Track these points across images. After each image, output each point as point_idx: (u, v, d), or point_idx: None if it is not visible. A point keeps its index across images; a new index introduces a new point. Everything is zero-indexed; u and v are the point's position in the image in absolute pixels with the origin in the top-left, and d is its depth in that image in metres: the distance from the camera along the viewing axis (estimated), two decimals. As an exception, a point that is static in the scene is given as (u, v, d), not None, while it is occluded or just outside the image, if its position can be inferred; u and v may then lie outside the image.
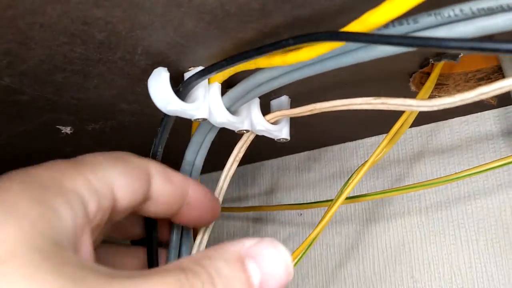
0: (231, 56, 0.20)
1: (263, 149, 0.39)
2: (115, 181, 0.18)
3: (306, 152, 0.41)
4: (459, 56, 0.23)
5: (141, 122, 0.30)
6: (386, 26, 0.17)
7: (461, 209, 0.33)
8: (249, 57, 0.20)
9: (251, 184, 0.44)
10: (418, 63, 0.25)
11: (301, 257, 0.28)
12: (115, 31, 0.19)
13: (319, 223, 0.27)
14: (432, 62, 0.24)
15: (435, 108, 0.19)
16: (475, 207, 0.32)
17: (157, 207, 0.20)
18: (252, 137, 0.27)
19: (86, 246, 0.16)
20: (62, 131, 0.31)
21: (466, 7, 0.15)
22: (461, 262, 0.32)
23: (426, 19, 0.16)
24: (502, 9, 0.15)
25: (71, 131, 0.31)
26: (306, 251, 0.28)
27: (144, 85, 0.25)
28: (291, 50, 0.19)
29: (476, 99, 0.18)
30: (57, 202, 0.15)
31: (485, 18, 0.15)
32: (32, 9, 0.17)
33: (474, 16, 0.15)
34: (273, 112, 0.25)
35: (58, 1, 0.17)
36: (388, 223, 0.36)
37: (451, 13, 0.15)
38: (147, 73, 0.23)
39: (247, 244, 0.16)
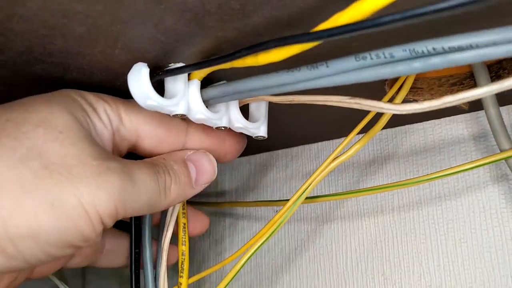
0: (213, 58, 0.21)
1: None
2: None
3: (283, 150, 0.41)
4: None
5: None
6: (364, 57, 0.18)
7: (432, 210, 0.34)
8: (230, 60, 0.20)
9: (229, 180, 0.44)
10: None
11: (256, 250, 0.29)
12: (95, 25, 0.19)
13: (272, 218, 0.28)
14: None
15: (405, 112, 0.20)
16: (445, 207, 0.33)
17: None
18: (231, 133, 0.27)
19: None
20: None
21: (438, 45, 0.16)
22: (430, 261, 0.33)
23: (400, 54, 0.17)
24: (471, 47, 0.15)
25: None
26: (263, 243, 0.28)
27: (123, 79, 0.25)
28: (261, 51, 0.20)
29: (442, 106, 0.19)
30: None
31: (456, 54, 0.16)
32: (12, 1, 0.18)
33: (445, 52, 0.16)
34: (254, 97, 0.26)
35: (39, -7, 0.17)
36: (361, 221, 0.37)
37: (424, 50, 0.16)
38: (127, 68, 0.23)
39: (189, 152, 0.26)
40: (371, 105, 0.21)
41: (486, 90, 0.17)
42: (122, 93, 0.26)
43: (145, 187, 0.21)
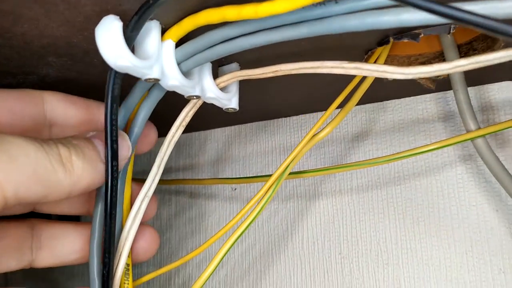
0: None
1: (201, 118, 0.37)
2: None
3: (246, 125, 0.39)
4: (420, 36, 0.23)
5: (67, 80, 0.27)
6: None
7: (390, 189, 0.34)
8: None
9: (187, 155, 0.42)
10: (377, 40, 0.24)
11: (241, 233, 0.27)
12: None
13: (254, 197, 0.27)
14: (392, 40, 0.24)
15: (410, 77, 0.19)
16: (404, 187, 0.33)
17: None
18: (199, 103, 0.25)
19: None
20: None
21: None
22: (387, 240, 0.33)
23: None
24: None
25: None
26: (246, 227, 0.27)
27: (83, 36, 0.22)
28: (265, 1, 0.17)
29: (452, 71, 0.18)
30: None
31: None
32: None
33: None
34: (232, 72, 0.24)
35: None
36: (319, 200, 0.36)
37: None
38: (90, 23, 0.20)
39: (91, 133, 0.22)
40: (373, 69, 0.20)
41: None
42: (77, 51, 0.23)
43: (24, 153, 0.18)
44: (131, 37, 0.19)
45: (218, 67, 0.26)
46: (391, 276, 0.33)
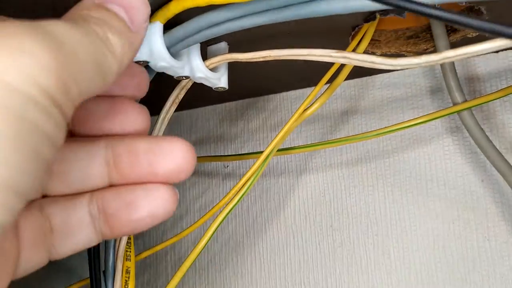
0: None
1: (191, 96, 0.38)
2: None
3: (237, 102, 0.40)
4: (406, 11, 0.23)
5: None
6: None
7: (379, 162, 0.34)
8: None
9: (180, 134, 0.42)
10: (364, 16, 0.25)
11: (231, 208, 0.28)
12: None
13: (246, 173, 0.27)
14: (379, 16, 0.24)
15: (399, 68, 0.20)
16: (392, 160, 0.34)
17: None
18: (189, 84, 0.25)
19: None
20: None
21: None
22: (377, 212, 0.34)
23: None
24: None
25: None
26: (238, 201, 0.27)
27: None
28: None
29: (440, 62, 0.18)
30: None
31: None
32: None
33: None
34: (221, 55, 0.24)
35: None
36: (310, 175, 0.37)
37: None
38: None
39: None
40: (361, 59, 0.20)
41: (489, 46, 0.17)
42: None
43: (80, 45, 0.15)
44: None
45: (206, 46, 0.27)
46: (380, 247, 0.34)
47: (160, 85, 0.26)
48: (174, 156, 0.18)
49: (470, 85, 0.32)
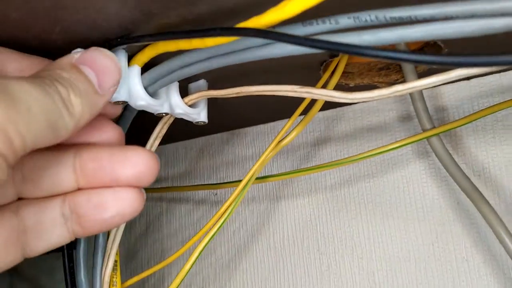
0: (151, 34, 0.21)
1: (175, 130, 0.40)
2: None
3: (219, 134, 0.42)
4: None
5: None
6: (310, 23, 0.18)
7: (361, 186, 0.36)
8: (172, 38, 0.20)
9: (164, 165, 0.44)
10: (329, 52, 0.27)
11: (214, 234, 0.29)
12: (33, 11, 0.19)
13: (227, 200, 0.29)
14: (341, 53, 0.26)
15: (356, 101, 0.21)
16: (373, 184, 0.35)
17: None
18: (171, 120, 0.27)
19: None
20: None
21: (380, 15, 0.17)
22: (361, 235, 0.35)
23: (345, 21, 0.18)
24: (411, 20, 0.17)
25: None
26: (220, 226, 0.29)
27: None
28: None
29: (392, 95, 0.20)
30: None
31: (402, 27, 0.17)
32: None
33: (387, 23, 0.17)
34: (198, 92, 0.26)
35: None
36: (297, 200, 0.38)
37: (368, 18, 0.17)
38: (64, 52, 0.22)
39: (76, 55, 0.20)
40: (322, 94, 0.22)
41: (434, 80, 0.19)
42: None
43: (35, 103, 0.16)
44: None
45: (187, 83, 0.29)
46: (365, 269, 0.35)
47: (144, 121, 0.28)
48: (135, 163, 0.21)
49: (444, 112, 0.34)
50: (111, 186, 0.21)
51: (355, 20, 0.18)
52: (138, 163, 0.21)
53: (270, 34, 0.17)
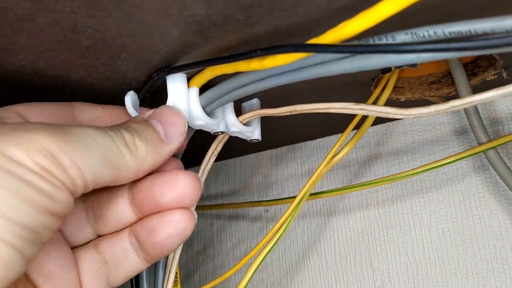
0: (206, 60, 0.22)
1: (228, 148, 0.41)
2: None
3: (270, 151, 0.42)
4: (418, 63, 0.25)
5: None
6: (366, 40, 0.19)
7: (414, 202, 0.35)
8: (221, 62, 0.21)
9: (218, 182, 0.45)
10: (380, 69, 0.27)
11: (269, 250, 0.30)
12: (102, 39, 0.20)
13: (282, 216, 0.29)
14: (394, 68, 0.26)
15: (411, 117, 0.21)
16: (427, 199, 0.35)
17: None
18: (226, 138, 0.28)
19: None
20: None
21: (439, 30, 0.17)
22: (415, 251, 0.35)
23: (402, 37, 0.18)
24: (470, 34, 0.17)
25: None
26: (276, 242, 0.29)
27: (122, 89, 0.25)
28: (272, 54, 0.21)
29: (448, 110, 0.20)
30: None
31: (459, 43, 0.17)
32: (22, 17, 0.18)
33: (446, 38, 0.17)
34: (253, 111, 0.27)
35: (51, 10, 0.17)
36: (348, 216, 0.38)
37: (426, 33, 0.17)
38: (126, 78, 0.24)
39: (147, 113, 0.23)
40: (377, 111, 0.22)
41: (492, 94, 0.19)
42: (120, 103, 0.27)
43: (93, 141, 0.19)
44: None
45: (241, 103, 0.30)
46: (421, 286, 0.34)
47: (201, 139, 0.29)
48: (175, 187, 0.22)
49: (499, 124, 0.33)
50: (159, 211, 0.22)
51: (413, 35, 0.18)
52: (179, 187, 0.22)
53: (307, 47, 0.17)
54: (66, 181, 0.18)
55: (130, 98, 0.24)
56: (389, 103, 0.30)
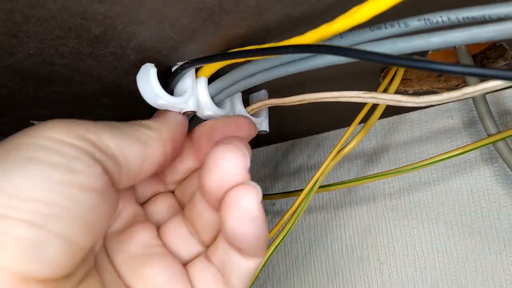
0: (227, 53, 0.22)
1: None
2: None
3: (277, 144, 0.42)
4: (429, 52, 0.25)
5: (119, 117, 0.31)
6: (378, 27, 0.18)
7: (422, 195, 0.35)
8: (244, 56, 0.21)
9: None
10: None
11: (277, 245, 0.30)
12: (112, 26, 0.20)
13: (289, 209, 0.29)
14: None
15: (422, 105, 0.21)
16: (435, 192, 0.35)
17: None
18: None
19: None
20: (36, 127, 0.31)
21: (453, 15, 0.17)
22: (423, 244, 0.35)
23: (415, 23, 0.18)
24: (484, 19, 0.16)
25: (46, 127, 0.31)
26: (285, 235, 0.29)
27: (130, 79, 0.25)
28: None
29: (461, 98, 0.20)
30: None
31: (472, 27, 0.17)
32: (32, 3, 0.18)
33: (459, 23, 0.17)
34: (261, 101, 0.26)
35: (62, -5, 0.17)
36: (355, 209, 0.38)
37: (439, 19, 0.17)
38: (135, 68, 0.24)
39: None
40: (389, 99, 0.22)
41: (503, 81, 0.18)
42: (126, 93, 0.27)
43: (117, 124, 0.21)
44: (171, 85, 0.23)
45: (248, 94, 0.29)
46: (429, 280, 0.34)
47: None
48: (220, 168, 0.19)
49: (508, 116, 0.33)
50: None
51: (426, 22, 0.18)
52: (224, 168, 0.20)
53: (345, 51, 0.17)
54: (96, 155, 0.18)
55: (155, 71, 0.23)
56: (397, 93, 0.30)
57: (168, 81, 0.24)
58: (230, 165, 0.19)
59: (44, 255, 0.15)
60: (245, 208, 0.19)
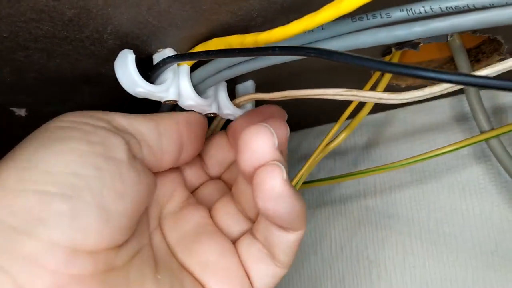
0: (211, 51, 0.21)
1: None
2: None
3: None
4: (420, 45, 0.24)
5: (101, 105, 0.30)
6: (360, 18, 0.18)
7: (413, 192, 0.34)
8: (229, 55, 0.20)
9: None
10: (381, 51, 0.26)
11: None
12: (86, 9, 0.19)
13: None
14: (394, 50, 0.25)
15: (405, 101, 0.20)
16: (426, 190, 0.34)
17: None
18: (223, 122, 0.27)
19: None
20: (16, 114, 0.30)
21: (435, 5, 0.16)
22: (413, 242, 0.34)
23: (398, 14, 0.17)
24: (468, 8, 0.16)
25: (26, 114, 0.30)
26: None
27: (109, 66, 0.24)
28: (262, 31, 0.19)
29: (444, 92, 0.19)
30: None
31: (455, 16, 0.16)
32: (-1, -18, 0.17)
33: (443, 13, 0.16)
34: (247, 94, 0.26)
35: (30, -26, 0.16)
36: (344, 206, 0.37)
37: (422, 10, 0.16)
38: (114, 54, 0.23)
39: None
40: (369, 96, 0.21)
41: (489, 71, 0.18)
42: (107, 80, 0.26)
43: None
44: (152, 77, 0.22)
45: (235, 85, 0.28)
46: (418, 279, 0.33)
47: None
48: (249, 148, 0.20)
49: (502, 113, 0.32)
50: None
51: (409, 12, 0.17)
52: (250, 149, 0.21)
53: (335, 54, 0.16)
54: (111, 130, 0.20)
55: (133, 58, 0.22)
56: (390, 88, 0.29)
57: (149, 74, 0.23)
58: (258, 144, 0.20)
59: (83, 224, 0.17)
60: (270, 188, 0.19)
